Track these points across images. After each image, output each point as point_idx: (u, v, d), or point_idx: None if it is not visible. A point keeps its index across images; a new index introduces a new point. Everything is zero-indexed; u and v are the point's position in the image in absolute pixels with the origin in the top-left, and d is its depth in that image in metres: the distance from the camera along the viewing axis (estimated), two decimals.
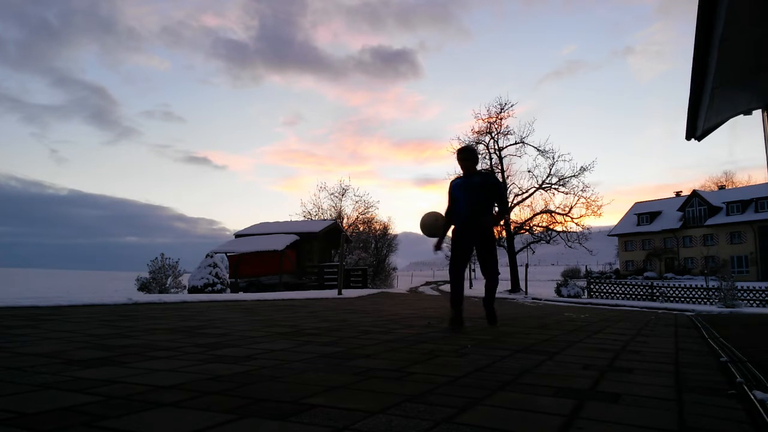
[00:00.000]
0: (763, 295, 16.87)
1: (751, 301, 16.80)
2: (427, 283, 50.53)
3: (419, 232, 4.71)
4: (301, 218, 34.21)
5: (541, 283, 41.44)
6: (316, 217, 34.95)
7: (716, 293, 16.67)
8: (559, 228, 29.89)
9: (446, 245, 5.24)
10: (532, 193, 30.39)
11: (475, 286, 40.91)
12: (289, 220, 29.09)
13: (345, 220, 34.90)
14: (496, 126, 30.32)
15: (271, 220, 26.91)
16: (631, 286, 20.59)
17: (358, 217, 35.98)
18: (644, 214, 53.69)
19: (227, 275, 16.34)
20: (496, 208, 4.72)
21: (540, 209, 30.29)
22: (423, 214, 4.62)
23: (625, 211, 57.12)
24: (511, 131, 30.55)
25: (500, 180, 4.73)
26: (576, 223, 29.47)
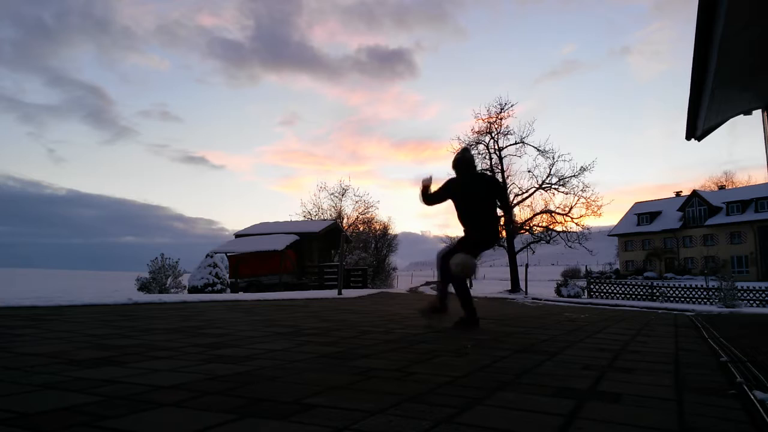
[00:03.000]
0: (763, 295, 16.86)
1: (751, 301, 16.79)
2: (427, 283, 50.41)
3: (419, 231, 4.72)
4: (301, 218, 34.22)
5: (541, 283, 41.41)
6: (316, 217, 34.96)
7: (716, 293, 16.66)
8: (559, 228, 29.90)
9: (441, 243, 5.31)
10: (532, 193, 30.41)
11: (476, 286, 40.89)
12: (289, 220, 29.11)
13: (345, 220, 34.91)
14: (496, 126, 30.32)
15: (271, 220, 26.94)
16: (631, 286, 20.58)
17: (358, 217, 36.00)
18: (644, 214, 53.69)
19: (227, 275, 16.34)
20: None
21: (540, 209, 30.28)
22: (456, 260, 4.45)
23: (625, 211, 57.14)
24: (511, 131, 30.54)
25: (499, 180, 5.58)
26: (576, 223, 29.49)
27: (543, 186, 29.91)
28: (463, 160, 4.62)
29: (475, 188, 4.54)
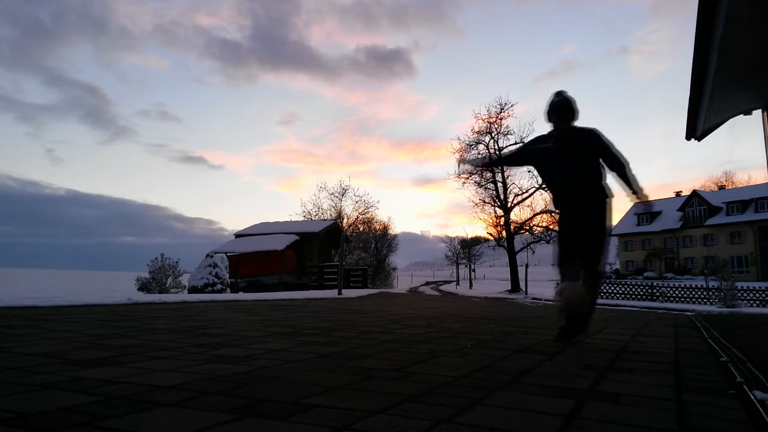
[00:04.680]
0: (763, 295, 16.86)
1: (751, 301, 16.80)
2: (427, 283, 50.53)
3: (419, 231, 4.45)
4: (301, 218, 34.22)
5: (541, 283, 41.39)
6: (316, 217, 34.97)
7: (716, 293, 16.66)
8: None
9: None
10: (532, 193, 30.46)
11: (476, 286, 40.86)
12: (289, 220, 29.10)
13: (345, 220, 34.91)
14: (496, 126, 30.39)
15: (271, 220, 26.93)
16: (631, 286, 20.59)
17: (358, 217, 36.02)
18: (644, 214, 53.66)
19: (227, 275, 16.34)
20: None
21: (540, 209, 30.33)
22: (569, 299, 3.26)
23: (625, 211, 57.15)
24: (511, 131, 30.65)
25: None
26: None
27: (543, 186, 29.93)
28: (566, 106, 3.38)
29: (572, 154, 3.34)
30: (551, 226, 30.15)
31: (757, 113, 6.03)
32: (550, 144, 3.40)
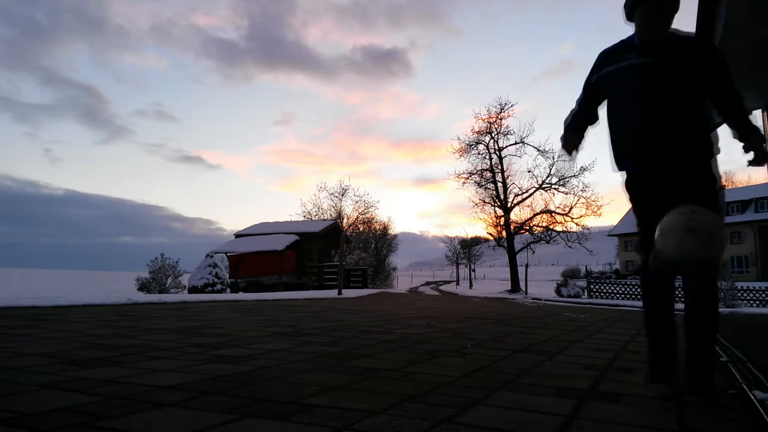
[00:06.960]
0: (763, 295, 16.86)
1: (751, 301, 16.79)
2: (427, 283, 50.52)
3: (418, 231, 4.44)
4: (301, 218, 34.21)
5: (541, 283, 41.40)
6: (316, 217, 34.95)
7: None
8: (559, 228, 29.93)
9: None
10: (532, 193, 30.44)
11: (476, 286, 40.78)
12: (289, 220, 29.11)
13: (345, 220, 34.89)
14: (496, 126, 30.37)
15: (270, 220, 26.93)
16: (631, 286, 20.58)
17: (358, 217, 35.99)
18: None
19: (227, 275, 16.33)
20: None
21: (540, 209, 30.33)
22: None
23: (625, 211, 57.16)
24: (511, 131, 30.61)
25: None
26: (576, 223, 29.50)
27: (543, 186, 29.95)
28: None
29: (664, 71, 2.02)
30: (551, 226, 30.14)
31: (757, 113, 6.03)
32: (630, 59, 2.07)
